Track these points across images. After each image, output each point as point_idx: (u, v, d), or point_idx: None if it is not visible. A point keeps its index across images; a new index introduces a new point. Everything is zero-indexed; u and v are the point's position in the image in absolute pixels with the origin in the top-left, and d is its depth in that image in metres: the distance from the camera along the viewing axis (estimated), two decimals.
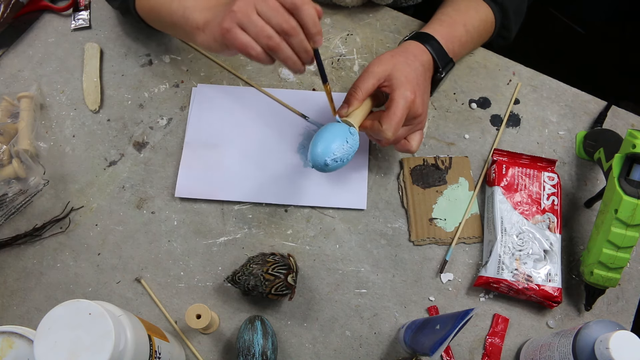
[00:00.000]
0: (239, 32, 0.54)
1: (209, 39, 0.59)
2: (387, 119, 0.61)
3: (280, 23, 0.53)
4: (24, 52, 0.83)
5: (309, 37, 0.54)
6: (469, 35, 0.73)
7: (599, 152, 0.68)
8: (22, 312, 0.68)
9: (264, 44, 0.54)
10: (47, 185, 0.74)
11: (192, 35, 0.63)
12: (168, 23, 0.67)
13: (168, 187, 0.74)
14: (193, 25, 0.61)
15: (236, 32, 0.54)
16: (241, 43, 0.54)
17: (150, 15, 0.72)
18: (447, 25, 0.71)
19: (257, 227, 0.71)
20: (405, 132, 0.65)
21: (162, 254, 0.70)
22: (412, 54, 0.66)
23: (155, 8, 0.69)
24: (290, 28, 0.53)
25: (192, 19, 0.61)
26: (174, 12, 0.64)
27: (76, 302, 0.43)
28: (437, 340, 0.50)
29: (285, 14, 0.53)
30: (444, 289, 0.68)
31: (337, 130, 0.60)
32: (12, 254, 0.71)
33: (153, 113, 0.78)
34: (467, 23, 0.73)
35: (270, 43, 0.54)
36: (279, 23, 0.53)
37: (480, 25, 0.74)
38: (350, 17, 0.84)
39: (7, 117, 0.76)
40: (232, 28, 0.54)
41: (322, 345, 0.66)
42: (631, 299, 0.68)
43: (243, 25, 0.54)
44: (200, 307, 0.62)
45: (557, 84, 0.80)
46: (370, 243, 0.71)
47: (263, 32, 0.53)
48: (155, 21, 0.72)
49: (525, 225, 0.68)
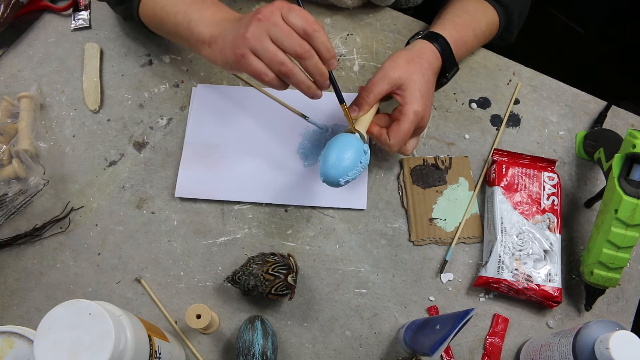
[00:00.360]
0: (252, 59, 0.54)
1: (215, 55, 0.59)
2: (395, 133, 0.61)
3: (294, 46, 0.53)
4: (24, 52, 0.83)
5: (323, 62, 0.55)
6: (476, 40, 0.73)
7: (599, 152, 0.68)
8: (22, 312, 0.68)
9: (276, 70, 0.54)
10: (47, 185, 0.74)
11: (197, 48, 0.63)
12: (172, 33, 0.67)
13: (168, 187, 0.74)
14: (199, 39, 0.61)
15: (250, 59, 0.54)
16: (254, 70, 0.55)
17: (153, 23, 0.72)
18: (460, 29, 0.71)
19: (257, 227, 0.71)
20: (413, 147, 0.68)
21: (162, 254, 0.70)
22: (427, 61, 0.65)
23: (159, 17, 0.69)
24: (304, 52, 0.53)
25: (197, 32, 0.61)
26: (179, 23, 0.64)
27: (76, 302, 0.43)
28: (437, 340, 0.50)
29: (299, 37, 0.53)
30: (444, 289, 0.68)
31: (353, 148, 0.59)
32: (12, 254, 0.71)
33: (153, 113, 0.78)
34: (476, 27, 0.72)
35: (283, 69, 0.54)
36: (292, 47, 0.53)
37: (487, 30, 0.74)
38: (350, 17, 0.84)
39: (7, 117, 0.76)
40: (246, 54, 0.54)
41: (322, 345, 0.66)
42: (631, 299, 0.68)
43: (256, 51, 0.54)
44: (200, 307, 0.62)
45: (557, 84, 0.80)
46: (370, 243, 0.71)
47: (276, 58, 0.54)
48: (158, 29, 0.72)
49: (525, 225, 0.68)
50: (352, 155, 0.58)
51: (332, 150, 0.59)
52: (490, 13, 0.74)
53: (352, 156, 0.58)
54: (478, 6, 0.74)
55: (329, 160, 0.58)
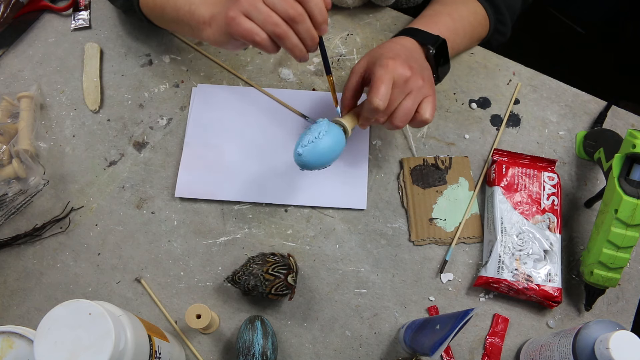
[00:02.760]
0: (243, 19, 0.54)
1: (214, 33, 0.59)
2: (371, 90, 0.59)
3: (287, 9, 0.52)
4: (24, 52, 0.83)
5: (315, 25, 0.54)
6: (457, 23, 0.73)
7: (599, 152, 0.68)
8: (22, 312, 0.68)
9: (270, 31, 0.54)
10: (47, 185, 0.74)
11: (198, 31, 0.62)
12: (173, 19, 0.67)
13: (168, 187, 0.74)
14: (200, 20, 0.61)
15: (241, 19, 0.54)
16: (245, 29, 0.54)
17: (154, 11, 0.72)
18: (429, 17, 0.72)
19: (257, 227, 0.71)
20: (412, 103, 0.60)
21: (162, 254, 0.70)
22: (390, 42, 0.66)
23: (159, 4, 0.69)
24: (297, 14, 0.53)
25: (198, 13, 0.61)
26: (179, 7, 0.64)
27: (76, 302, 0.43)
28: (437, 340, 0.50)
29: (292, 0, 0.53)
30: (444, 289, 0.68)
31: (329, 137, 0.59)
32: (12, 254, 0.71)
33: (153, 113, 0.78)
34: (452, 12, 0.73)
35: (277, 30, 0.53)
36: (285, 9, 0.53)
37: (471, 16, 0.74)
38: (350, 17, 0.84)
39: (7, 117, 0.76)
40: (237, 16, 0.54)
41: (322, 345, 0.66)
42: (631, 299, 0.68)
43: (249, 13, 0.54)
44: (200, 307, 0.62)
45: (557, 84, 0.80)
46: (370, 243, 0.71)
47: (270, 19, 0.53)
48: (159, 18, 0.72)
49: (525, 225, 0.68)
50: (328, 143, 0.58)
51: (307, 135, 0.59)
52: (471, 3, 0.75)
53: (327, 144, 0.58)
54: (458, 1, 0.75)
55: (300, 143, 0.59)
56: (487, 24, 0.77)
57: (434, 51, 0.66)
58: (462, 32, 0.74)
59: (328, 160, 0.59)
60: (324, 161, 0.59)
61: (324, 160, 0.59)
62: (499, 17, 0.77)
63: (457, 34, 0.73)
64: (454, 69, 0.80)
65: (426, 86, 0.62)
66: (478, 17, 0.75)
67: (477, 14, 0.75)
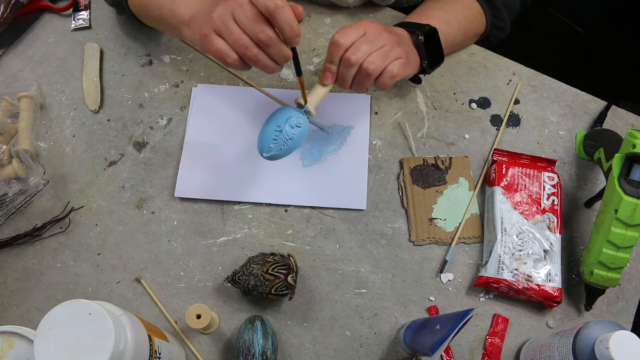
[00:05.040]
0: (214, 39, 0.54)
1: (192, 35, 0.59)
2: (339, 33, 0.59)
3: (257, 33, 0.52)
4: (24, 52, 0.83)
5: (287, 40, 0.53)
6: (450, 16, 0.73)
7: (599, 152, 0.68)
8: (22, 312, 0.68)
9: (240, 53, 0.54)
10: (47, 185, 0.74)
11: (179, 30, 0.62)
12: (156, 17, 0.67)
13: (168, 187, 0.74)
14: (180, 19, 0.61)
15: (212, 39, 0.54)
16: (216, 49, 0.54)
17: (140, 9, 0.72)
18: (421, 11, 0.73)
19: (257, 227, 0.71)
20: (381, 55, 0.59)
21: (162, 254, 0.70)
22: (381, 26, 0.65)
23: (145, 2, 0.69)
24: (267, 38, 0.52)
25: (178, 12, 0.61)
26: (162, 5, 0.64)
27: (76, 302, 0.43)
28: (437, 340, 0.50)
29: (261, 22, 0.51)
30: (444, 289, 0.68)
31: (279, 121, 0.60)
32: (12, 254, 0.71)
33: (153, 113, 0.78)
34: (444, 6, 0.74)
35: (247, 53, 0.53)
36: (255, 33, 0.52)
37: (465, 10, 0.75)
38: (350, 16, 0.84)
39: (7, 117, 0.76)
40: (209, 34, 0.54)
41: (322, 345, 0.66)
42: (631, 299, 0.68)
43: (220, 32, 0.54)
44: (200, 307, 0.62)
45: (557, 84, 0.80)
46: (370, 243, 0.71)
47: (240, 42, 0.53)
48: (144, 15, 0.72)
49: (525, 225, 0.68)
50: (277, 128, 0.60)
51: (265, 123, 0.61)
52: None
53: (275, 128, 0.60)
54: None
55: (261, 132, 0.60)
56: (482, 19, 0.77)
57: (422, 37, 0.66)
58: (456, 25, 0.74)
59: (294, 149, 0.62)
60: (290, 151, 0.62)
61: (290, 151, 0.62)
62: (495, 12, 0.78)
63: (450, 25, 0.73)
64: (454, 69, 0.80)
65: (402, 52, 0.62)
66: (473, 12, 0.76)
67: (471, 9, 0.76)
